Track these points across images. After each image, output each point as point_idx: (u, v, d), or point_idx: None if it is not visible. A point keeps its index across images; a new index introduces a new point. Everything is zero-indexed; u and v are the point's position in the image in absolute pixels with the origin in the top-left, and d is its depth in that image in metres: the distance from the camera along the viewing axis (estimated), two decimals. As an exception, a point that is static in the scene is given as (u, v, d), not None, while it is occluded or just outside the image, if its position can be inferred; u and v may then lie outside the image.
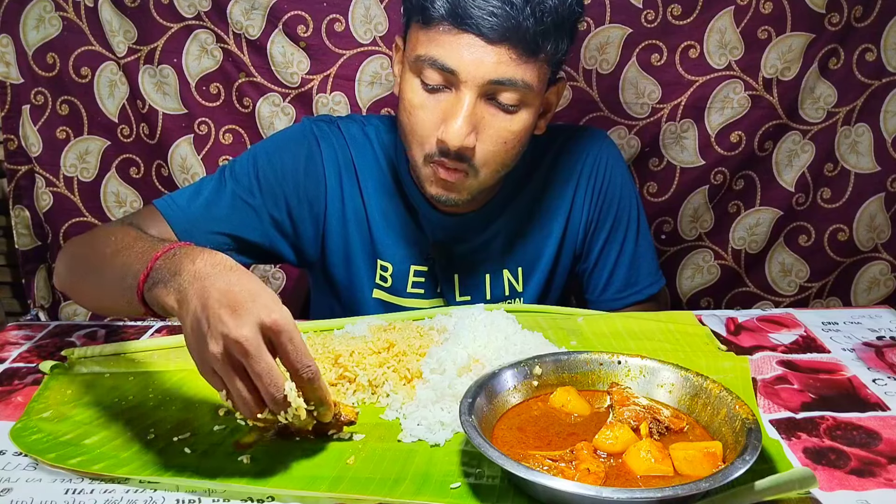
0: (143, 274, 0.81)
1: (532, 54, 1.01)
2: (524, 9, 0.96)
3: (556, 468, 0.71)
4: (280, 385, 0.72)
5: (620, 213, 1.27)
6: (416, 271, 1.24)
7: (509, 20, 0.96)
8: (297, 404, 0.73)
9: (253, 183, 1.18)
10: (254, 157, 1.20)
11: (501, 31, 0.97)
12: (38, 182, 1.78)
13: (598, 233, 1.27)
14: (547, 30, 1.00)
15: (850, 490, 0.73)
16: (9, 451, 0.82)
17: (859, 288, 1.86)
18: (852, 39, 1.68)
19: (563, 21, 1.01)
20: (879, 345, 1.05)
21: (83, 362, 1.01)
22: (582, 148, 1.25)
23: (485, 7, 0.96)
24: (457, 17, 0.98)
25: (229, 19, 1.68)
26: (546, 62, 1.04)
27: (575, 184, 1.25)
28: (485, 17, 0.96)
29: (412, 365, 0.93)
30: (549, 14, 0.98)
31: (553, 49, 1.03)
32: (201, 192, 1.17)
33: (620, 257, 1.27)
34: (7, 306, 1.97)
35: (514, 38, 0.98)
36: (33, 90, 1.73)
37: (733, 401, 0.78)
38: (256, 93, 1.73)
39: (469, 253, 1.24)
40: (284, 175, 1.19)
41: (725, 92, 1.71)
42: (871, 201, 1.79)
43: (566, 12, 1.01)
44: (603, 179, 1.25)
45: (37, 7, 1.68)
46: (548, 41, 1.01)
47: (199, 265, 0.76)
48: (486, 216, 1.22)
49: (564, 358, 0.89)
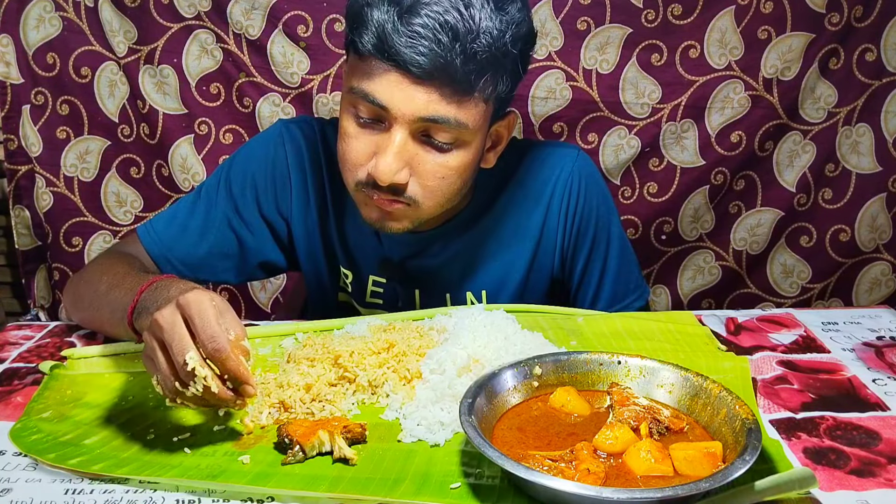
0: (130, 307, 0.92)
1: (465, 93, 0.96)
2: (453, 48, 0.91)
3: (556, 468, 0.71)
4: (183, 352, 0.76)
5: (599, 232, 1.22)
6: (374, 281, 1.24)
7: (438, 59, 0.92)
8: (201, 374, 0.75)
9: (223, 195, 1.19)
10: (227, 168, 1.21)
11: (430, 69, 0.92)
12: (38, 182, 1.78)
13: (578, 255, 1.22)
14: (480, 69, 0.95)
15: (850, 490, 0.73)
16: (9, 451, 0.82)
17: (861, 289, 1.86)
18: (852, 39, 1.68)
19: (497, 60, 0.96)
20: (879, 345, 1.05)
21: (83, 362, 1.01)
22: (551, 170, 1.20)
23: (413, 46, 0.91)
24: (384, 55, 0.93)
25: (229, 19, 1.69)
26: (483, 101, 0.99)
27: (545, 208, 1.20)
28: (413, 55, 0.92)
29: (412, 365, 0.93)
30: (481, 53, 0.93)
31: (490, 88, 0.98)
32: (176, 216, 1.20)
33: (604, 276, 1.24)
34: (7, 306, 1.97)
35: (444, 76, 0.93)
36: (33, 90, 1.73)
37: (733, 401, 0.78)
38: (257, 93, 1.74)
39: (428, 270, 1.21)
40: (254, 180, 1.20)
41: (726, 92, 1.71)
42: (873, 202, 1.79)
43: (501, 51, 0.95)
44: (577, 202, 1.19)
45: (37, 7, 1.69)
46: (482, 80, 0.96)
47: (172, 292, 0.85)
48: (446, 236, 1.18)
49: (564, 358, 0.89)
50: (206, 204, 1.20)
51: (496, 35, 0.94)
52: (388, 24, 0.92)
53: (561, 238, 1.21)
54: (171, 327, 0.77)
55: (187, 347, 0.76)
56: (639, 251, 1.82)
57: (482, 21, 0.92)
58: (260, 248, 1.23)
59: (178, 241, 1.18)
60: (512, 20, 0.96)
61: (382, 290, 1.24)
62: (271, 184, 1.20)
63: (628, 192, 1.79)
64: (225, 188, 1.20)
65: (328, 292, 1.29)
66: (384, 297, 1.25)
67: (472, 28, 0.92)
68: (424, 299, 1.23)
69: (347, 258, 1.24)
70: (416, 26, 0.91)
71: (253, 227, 1.21)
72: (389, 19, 0.92)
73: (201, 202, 1.20)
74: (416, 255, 1.20)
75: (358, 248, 1.23)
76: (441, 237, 1.18)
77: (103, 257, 1.16)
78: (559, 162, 1.20)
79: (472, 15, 0.92)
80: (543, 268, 1.23)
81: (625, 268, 1.25)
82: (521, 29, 0.98)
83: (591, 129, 1.75)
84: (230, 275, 1.23)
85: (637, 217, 1.80)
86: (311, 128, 1.22)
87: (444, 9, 0.91)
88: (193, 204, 1.21)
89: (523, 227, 1.20)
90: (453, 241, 1.19)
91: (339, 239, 1.23)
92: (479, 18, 0.92)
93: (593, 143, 1.75)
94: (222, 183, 1.20)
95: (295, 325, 1.10)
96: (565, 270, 1.24)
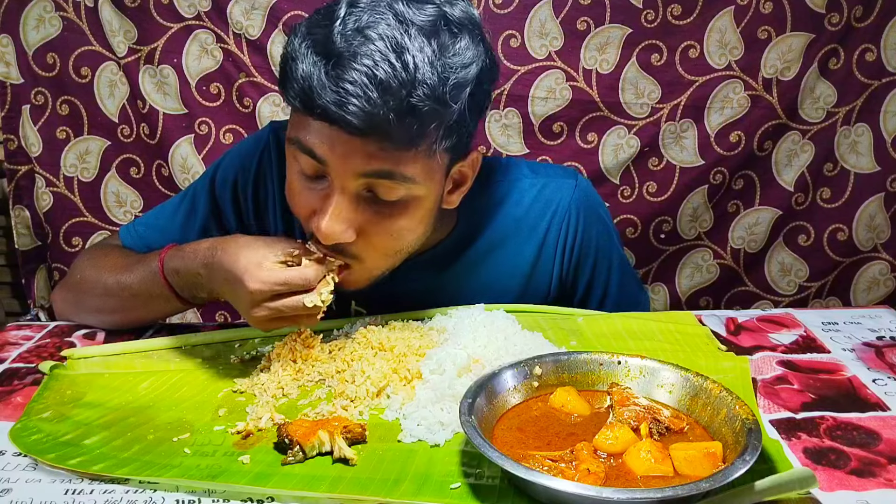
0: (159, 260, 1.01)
1: (406, 147, 0.87)
2: (386, 104, 0.82)
3: (556, 468, 0.71)
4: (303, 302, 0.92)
5: (599, 262, 1.18)
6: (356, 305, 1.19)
7: (369, 117, 0.82)
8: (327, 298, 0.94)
9: (205, 200, 1.18)
10: (212, 172, 1.20)
11: (365, 125, 0.83)
12: (38, 182, 1.78)
13: (577, 285, 1.19)
14: (420, 122, 0.85)
15: (850, 490, 0.73)
16: (8, 451, 0.82)
17: (859, 288, 1.86)
18: (852, 39, 1.68)
19: (437, 113, 0.85)
20: (879, 345, 1.05)
21: (83, 362, 1.01)
22: (545, 206, 1.14)
23: (341, 104, 0.82)
24: (313, 112, 0.85)
25: (229, 19, 1.69)
26: (428, 154, 0.89)
27: (539, 244, 1.15)
28: (342, 114, 0.82)
29: (412, 365, 0.93)
30: (420, 106, 0.83)
31: (436, 141, 0.89)
32: (159, 218, 1.20)
33: (606, 296, 1.21)
34: (7, 306, 1.97)
35: (381, 131, 0.84)
36: (33, 90, 1.73)
37: (733, 401, 0.78)
38: (257, 93, 1.74)
39: (410, 298, 1.13)
40: (235, 186, 1.17)
41: (725, 92, 1.71)
42: (871, 201, 1.79)
43: (441, 103, 0.85)
44: (574, 237, 1.15)
45: (37, 7, 1.69)
46: (423, 134, 0.87)
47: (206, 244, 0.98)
48: (428, 264, 1.12)
49: (564, 358, 0.89)
50: (190, 206, 1.19)
51: (435, 84, 0.84)
52: (315, 80, 0.83)
53: (557, 271, 1.17)
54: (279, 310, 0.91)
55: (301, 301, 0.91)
56: (638, 250, 1.84)
57: (418, 70, 0.83)
58: None
59: (157, 242, 1.14)
60: (457, 63, 0.86)
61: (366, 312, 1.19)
62: (253, 192, 1.17)
63: (627, 191, 1.80)
64: (208, 193, 1.18)
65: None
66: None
67: (406, 80, 0.82)
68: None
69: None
70: (344, 83, 0.82)
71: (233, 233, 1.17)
72: (316, 73, 0.83)
73: (185, 204, 1.19)
74: (397, 283, 1.12)
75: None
76: (424, 265, 1.12)
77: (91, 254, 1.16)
78: (555, 196, 1.15)
79: (405, 65, 0.82)
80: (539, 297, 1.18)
81: (625, 290, 1.23)
82: (468, 72, 0.87)
83: (590, 128, 1.75)
84: None
85: (636, 216, 1.81)
86: None
87: (374, 62, 0.81)
88: (178, 206, 1.20)
89: (513, 263, 1.15)
90: (437, 271, 1.14)
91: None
92: (413, 68, 0.82)
93: (593, 142, 1.76)
94: (206, 187, 1.18)
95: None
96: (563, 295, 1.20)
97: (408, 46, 0.83)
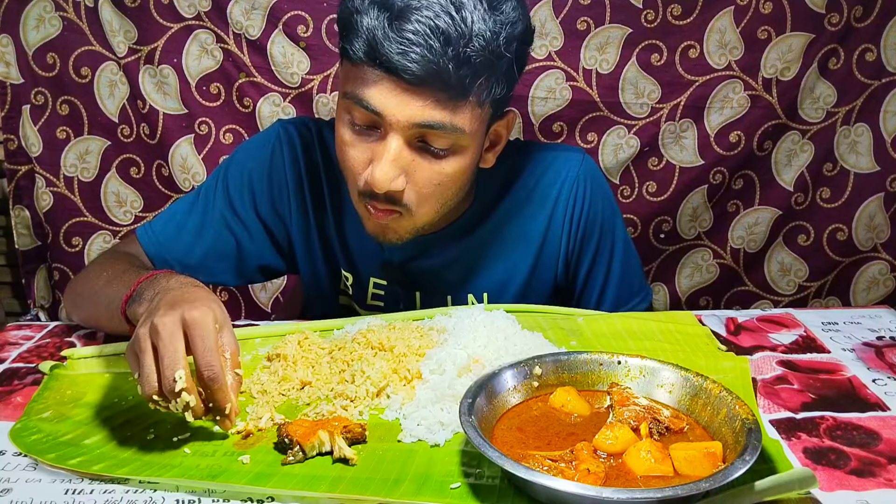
0: (125, 296, 0.93)
1: (460, 98, 0.94)
2: (445, 53, 0.90)
3: (556, 468, 0.71)
4: (175, 368, 0.77)
5: (603, 237, 1.21)
6: (375, 283, 1.23)
7: (430, 66, 0.90)
8: (185, 398, 0.77)
9: (220, 196, 1.19)
10: (224, 168, 1.21)
11: (423, 76, 0.91)
12: (38, 182, 1.78)
13: (582, 260, 1.22)
14: (475, 73, 0.93)
15: (850, 490, 0.73)
16: (8, 451, 0.82)
17: (858, 287, 1.86)
18: (852, 39, 1.68)
19: (491, 63, 0.94)
20: (879, 345, 1.05)
21: (83, 362, 1.01)
22: (555, 175, 1.19)
23: (404, 52, 0.89)
24: (376, 62, 0.92)
25: (229, 19, 1.69)
26: (479, 104, 0.97)
27: (549, 213, 1.19)
28: (405, 63, 0.90)
29: (412, 365, 0.93)
30: (475, 57, 0.91)
31: (486, 91, 0.96)
32: (174, 217, 1.20)
33: (608, 280, 1.23)
34: (7, 306, 1.97)
35: (438, 82, 0.92)
36: (33, 90, 1.73)
37: (733, 401, 0.78)
38: (257, 93, 1.74)
39: (429, 273, 1.20)
40: (251, 181, 1.20)
41: (725, 92, 1.71)
42: (871, 201, 1.79)
43: (495, 54, 0.93)
44: (581, 207, 1.18)
45: (37, 7, 1.69)
46: (477, 84, 0.95)
47: (171, 283, 0.88)
48: (448, 238, 1.18)
49: (564, 358, 0.89)
50: (204, 204, 1.20)
51: (489, 37, 0.92)
52: (379, 31, 0.90)
53: (565, 243, 1.20)
54: (170, 339, 0.78)
55: (179, 366, 0.77)
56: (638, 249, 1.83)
57: (474, 24, 0.91)
58: (258, 251, 1.22)
59: (174, 241, 1.18)
60: (506, 20, 0.94)
61: (384, 292, 1.24)
62: (268, 185, 1.20)
63: (627, 191, 1.80)
64: (222, 189, 1.20)
65: (327, 296, 1.28)
66: (385, 300, 1.24)
67: (465, 32, 0.90)
68: (425, 301, 1.23)
69: (348, 261, 1.24)
70: (407, 33, 0.89)
71: (250, 228, 1.20)
72: (380, 26, 0.90)
73: (199, 203, 1.20)
74: (417, 258, 1.19)
75: (358, 251, 1.22)
76: (443, 240, 1.18)
77: (103, 257, 1.17)
78: (564, 166, 1.19)
79: (463, 18, 0.90)
80: (546, 272, 1.22)
81: (628, 271, 1.25)
82: (515, 28, 0.96)
83: (590, 128, 1.75)
84: (228, 276, 1.23)
85: (636, 216, 1.81)
86: (309, 129, 1.21)
87: (435, 13, 0.89)
88: (192, 204, 1.21)
89: (526, 232, 1.20)
90: (455, 244, 1.19)
91: (339, 241, 1.22)
92: (471, 21, 0.91)
93: (593, 142, 1.76)
94: (220, 183, 1.20)
95: (295, 325, 1.10)
96: (569, 275, 1.24)
97: (464, 2, 0.91)
